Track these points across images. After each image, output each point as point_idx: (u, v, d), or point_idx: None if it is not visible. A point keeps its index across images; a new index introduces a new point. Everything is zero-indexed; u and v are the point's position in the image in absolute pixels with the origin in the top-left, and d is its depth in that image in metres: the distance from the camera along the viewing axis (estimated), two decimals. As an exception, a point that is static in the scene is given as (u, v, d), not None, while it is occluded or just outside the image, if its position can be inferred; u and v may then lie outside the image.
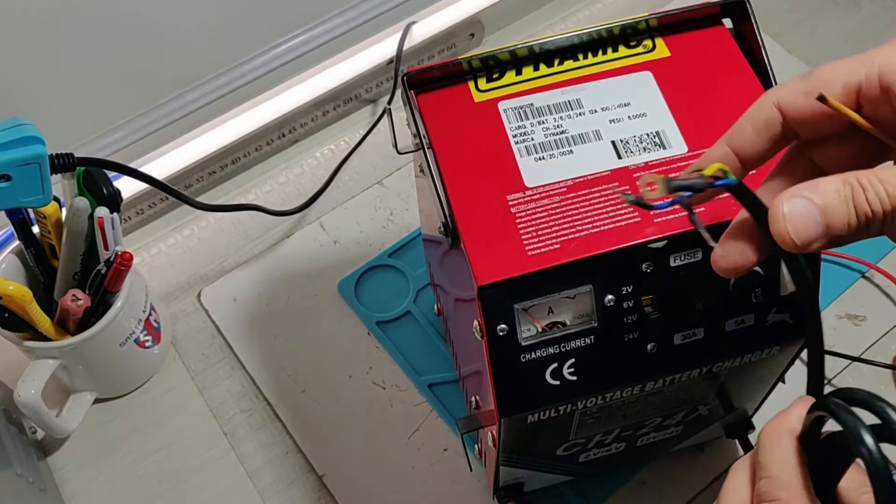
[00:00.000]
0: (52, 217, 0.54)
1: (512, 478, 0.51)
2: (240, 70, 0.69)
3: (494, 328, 0.39)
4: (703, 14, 0.46)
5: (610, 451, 0.51)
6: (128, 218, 0.68)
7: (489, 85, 0.45)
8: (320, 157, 0.74)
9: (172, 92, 0.67)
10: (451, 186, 0.42)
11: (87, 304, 0.54)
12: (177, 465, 0.60)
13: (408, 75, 0.44)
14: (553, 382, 0.41)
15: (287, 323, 0.65)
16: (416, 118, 0.44)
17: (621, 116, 0.44)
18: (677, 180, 0.31)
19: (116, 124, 0.66)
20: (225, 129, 0.70)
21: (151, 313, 0.60)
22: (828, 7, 0.81)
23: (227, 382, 0.63)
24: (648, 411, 0.46)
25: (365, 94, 0.76)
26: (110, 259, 0.54)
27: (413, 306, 0.64)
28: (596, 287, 0.40)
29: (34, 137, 0.47)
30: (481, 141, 0.43)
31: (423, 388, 0.61)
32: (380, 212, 0.70)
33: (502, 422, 0.41)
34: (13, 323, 0.54)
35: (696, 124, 0.43)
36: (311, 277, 0.67)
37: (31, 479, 0.54)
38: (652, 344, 0.41)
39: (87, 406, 0.61)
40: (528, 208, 0.41)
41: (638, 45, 0.46)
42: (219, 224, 0.71)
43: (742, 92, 0.44)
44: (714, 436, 0.56)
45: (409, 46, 0.74)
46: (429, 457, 0.59)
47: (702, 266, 0.41)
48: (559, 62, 0.46)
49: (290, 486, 0.58)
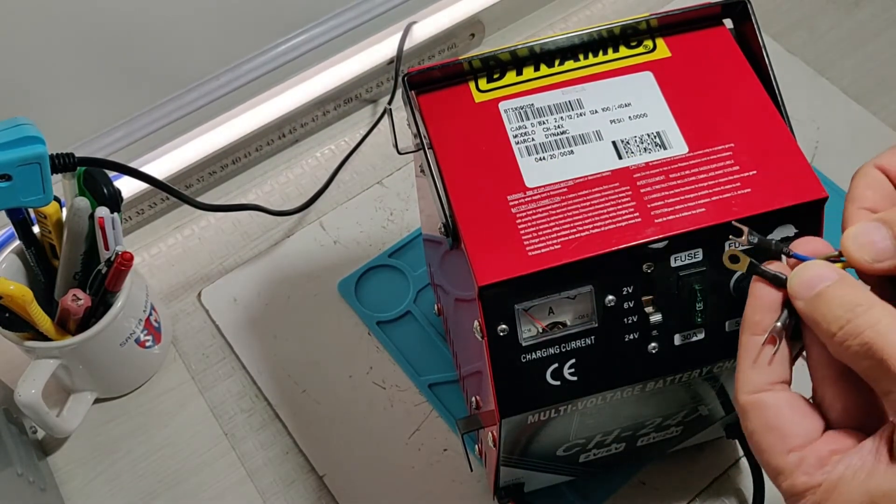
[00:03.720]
0: (52, 217, 0.54)
1: (512, 478, 0.51)
2: (240, 70, 0.69)
3: (495, 328, 0.39)
4: (703, 14, 0.46)
5: (610, 451, 0.51)
6: (128, 218, 0.68)
7: (490, 85, 0.45)
8: (321, 157, 0.74)
9: (173, 92, 0.67)
10: (452, 186, 0.42)
11: (87, 303, 0.54)
12: (177, 465, 0.60)
13: (408, 75, 0.44)
14: (553, 383, 0.41)
15: (287, 323, 0.65)
16: (416, 118, 0.44)
17: (622, 117, 0.44)
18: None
19: (117, 124, 0.66)
20: (225, 128, 0.70)
21: (152, 313, 0.60)
22: (828, 7, 0.81)
23: (228, 382, 0.63)
24: (649, 412, 0.47)
25: (365, 94, 0.76)
26: (111, 259, 0.54)
27: (413, 306, 0.64)
28: (596, 287, 0.40)
29: (34, 137, 0.47)
30: (482, 141, 0.43)
31: (424, 388, 0.61)
32: (380, 212, 0.70)
33: (503, 422, 0.41)
34: (13, 323, 0.54)
35: (696, 125, 0.43)
36: (311, 277, 0.67)
37: (32, 478, 0.54)
38: (652, 344, 0.41)
39: (87, 406, 0.61)
40: (528, 208, 0.41)
41: (639, 45, 0.46)
42: (219, 224, 0.71)
43: (743, 92, 0.44)
44: (714, 436, 0.56)
45: (409, 46, 0.74)
46: (429, 457, 0.59)
47: (702, 266, 0.41)
48: (560, 62, 0.46)
49: (291, 486, 0.58)
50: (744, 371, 0.34)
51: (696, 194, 0.41)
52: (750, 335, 0.34)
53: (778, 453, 0.32)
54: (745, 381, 0.34)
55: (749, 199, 0.40)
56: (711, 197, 0.41)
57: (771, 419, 0.33)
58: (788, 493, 0.32)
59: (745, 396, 0.33)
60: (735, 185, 0.41)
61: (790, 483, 0.32)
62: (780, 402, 0.33)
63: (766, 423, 0.33)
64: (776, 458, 0.32)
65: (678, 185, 0.41)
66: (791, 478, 0.31)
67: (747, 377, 0.34)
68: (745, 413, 0.33)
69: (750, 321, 0.34)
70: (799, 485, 0.31)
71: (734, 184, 0.41)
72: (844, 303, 0.31)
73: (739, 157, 0.42)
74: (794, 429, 0.32)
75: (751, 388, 0.33)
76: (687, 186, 0.41)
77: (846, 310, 0.31)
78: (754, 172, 0.41)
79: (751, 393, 0.33)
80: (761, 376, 0.33)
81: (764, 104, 0.44)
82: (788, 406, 0.33)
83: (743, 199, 0.40)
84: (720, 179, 0.41)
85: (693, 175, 0.41)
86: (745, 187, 0.41)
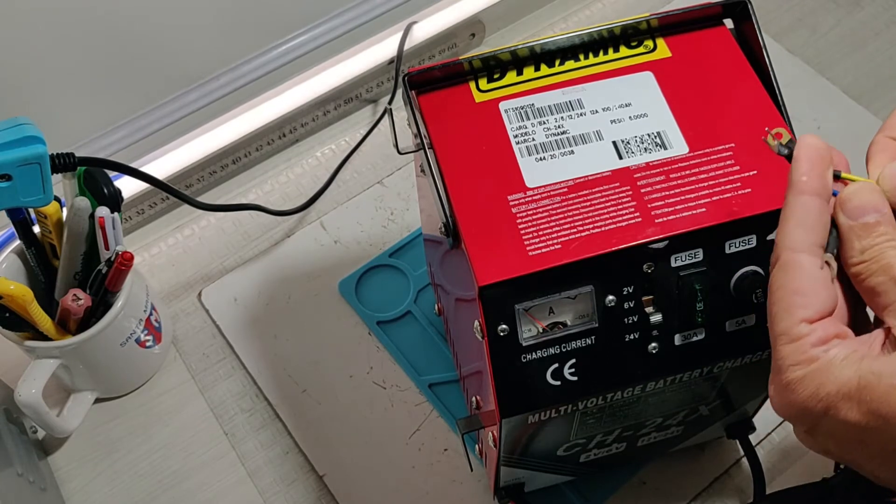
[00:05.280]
0: (52, 217, 0.54)
1: (512, 478, 0.51)
2: (241, 70, 0.69)
3: (495, 328, 0.39)
4: (704, 14, 0.46)
5: (611, 451, 0.51)
6: (128, 218, 0.68)
7: (490, 85, 0.45)
8: (321, 157, 0.74)
9: (173, 92, 0.67)
10: (452, 187, 0.42)
11: (87, 303, 0.54)
12: (177, 464, 0.60)
13: (409, 75, 0.44)
14: (554, 383, 0.41)
15: (288, 323, 0.65)
16: (416, 118, 0.44)
17: (622, 117, 0.44)
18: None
19: (117, 124, 0.66)
20: (226, 128, 0.70)
21: (152, 313, 0.60)
22: (828, 7, 0.81)
23: (228, 382, 0.63)
24: (649, 412, 0.47)
25: (366, 94, 0.76)
26: (111, 259, 0.54)
27: (414, 306, 0.64)
28: (597, 287, 0.40)
29: (35, 137, 0.47)
30: (482, 141, 0.43)
31: (424, 387, 0.61)
32: (380, 211, 0.70)
33: (503, 422, 0.41)
34: (14, 323, 0.54)
35: (697, 125, 0.43)
36: (311, 277, 0.67)
37: (32, 478, 0.54)
38: (653, 344, 0.41)
39: (87, 406, 0.61)
40: (529, 208, 0.41)
41: (639, 45, 0.46)
42: (219, 224, 0.71)
43: (743, 92, 0.44)
44: (715, 436, 0.56)
45: (409, 46, 0.74)
46: (429, 457, 0.59)
47: (703, 266, 0.41)
48: (560, 62, 0.46)
49: (291, 486, 0.58)
50: (790, 228, 0.34)
51: (697, 194, 0.41)
52: (798, 194, 0.34)
53: (794, 318, 0.33)
54: (791, 238, 0.34)
55: (749, 199, 0.40)
56: (712, 197, 0.41)
57: (802, 283, 0.34)
58: (784, 356, 0.34)
59: (787, 253, 0.34)
60: (735, 185, 0.41)
61: (791, 349, 0.33)
62: (815, 269, 0.34)
63: (796, 284, 0.34)
64: (789, 320, 0.34)
65: (678, 185, 0.41)
66: (793, 345, 0.33)
67: (793, 234, 0.34)
68: (782, 268, 0.34)
69: (797, 180, 0.35)
70: (799, 354, 0.33)
71: (734, 184, 0.41)
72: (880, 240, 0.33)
73: (740, 157, 0.42)
74: (816, 300, 0.34)
75: (794, 246, 0.34)
76: (687, 186, 0.41)
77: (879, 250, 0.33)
78: (755, 172, 0.41)
79: (794, 251, 0.34)
80: (807, 235, 0.34)
81: (764, 104, 0.44)
82: (820, 276, 0.34)
83: (743, 199, 0.40)
84: (720, 179, 0.41)
85: (693, 175, 0.41)
86: (745, 187, 0.41)
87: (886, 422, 0.31)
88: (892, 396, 0.31)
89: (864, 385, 0.32)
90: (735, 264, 0.41)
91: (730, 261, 0.41)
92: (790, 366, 0.33)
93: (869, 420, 0.31)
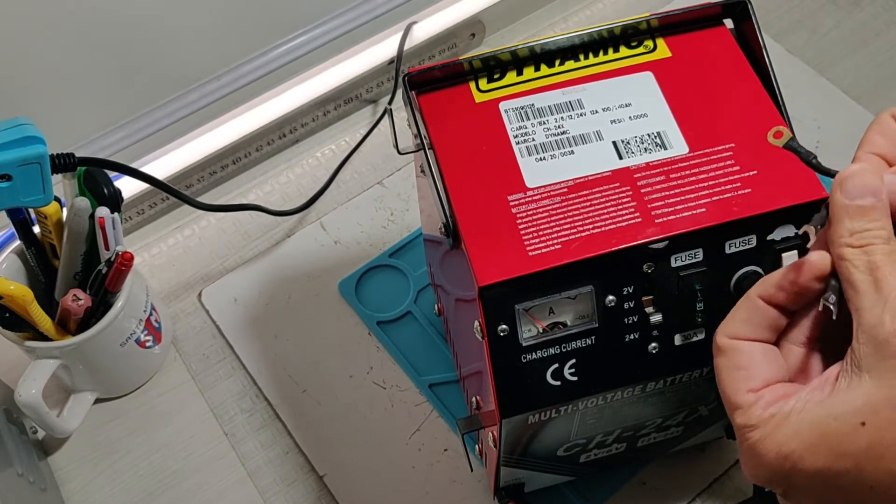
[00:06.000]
0: (52, 217, 0.54)
1: (512, 478, 0.51)
2: (241, 70, 0.69)
3: (495, 329, 0.39)
4: (704, 14, 0.46)
5: (610, 451, 0.51)
6: (129, 218, 0.68)
7: (490, 85, 0.45)
8: (321, 157, 0.74)
9: (173, 92, 0.67)
10: (452, 187, 0.42)
11: (87, 303, 0.54)
12: (177, 465, 0.60)
13: (409, 75, 0.44)
14: (554, 383, 0.41)
15: (288, 323, 0.65)
16: (416, 118, 0.44)
17: (622, 117, 0.44)
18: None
19: (117, 124, 0.66)
20: (226, 129, 0.70)
21: (152, 313, 0.60)
22: (828, 7, 0.81)
23: (228, 382, 0.63)
24: (649, 412, 0.46)
25: (366, 94, 0.76)
26: (111, 259, 0.54)
27: (414, 306, 0.64)
28: (597, 287, 0.40)
29: (35, 137, 0.47)
30: (482, 141, 0.43)
31: (424, 388, 0.61)
32: (380, 212, 0.70)
33: (503, 422, 0.41)
34: (14, 323, 0.54)
35: (697, 125, 0.43)
36: (311, 277, 0.67)
37: (32, 478, 0.54)
38: (653, 344, 0.41)
39: (87, 406, 0.61)
40: (529, 209, 0.41)
41: (639, 45, 0.46)
42: (219, 224, 0.71)
43: (743, 92, 0.44)
44: (715, 436, 0.56)
45: (409, 46, 0.74)
46: (429, 457, 0.59)
47: (703, 266, 0.41)
48: (560, 62, 0.46)
49: (291, 486, 0.58)
50: (733, 319, 0.35)
51: (697, 194, 0.41)
52: (757, 296, 0.35)
53: (739, 391, 0.34)
54: (730, 328, 0.35)
55: (749, 199, 0.40)
56: (712, 197, 0.41)
57: (742, 361, 0.35)
58: (741, 426, 0.34)
59: (723, 339, 0.35)
60: (735, 185, 0.41)
61: (745, 417, 0.33)
62: (755, 349, 0.35)
63: (735, 363, 0.35)
64: (737, 394, 0.34)
65: (678, 185, 0.41)
66: (746, 412, 0.33)
67: (734, 325, 0.35)
68: (719, 352, 0.35)
69: (766, 284, 0.35)
70: (752, 418, 0.33)
71: (734, 184, 0.41)
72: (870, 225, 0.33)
73: (740, 157, 0.42)
74: (760, 372, 0.34)
75: (732, 334, 0.35)
76: (687, 186, 0.41)
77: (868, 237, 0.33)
78: (755, 172, 0.41)
79: (731, 337, 0.35)
80: (746, 329, 0.35)
81: (764, 104, 0.44)
82: (761, 353, 0.35)
83: (743, 199, 0.40)
84: (720, 179, 0.41)
85: (693, 175, 0.41)
86: (745, 187, 0.41)
87: (856, 461, 0.30)
88: (854, 435, 0.30)
89: (825, 431, 0.31)
90: (735, 264, 0.41)
91: (730, 261, 0.41)
92: (747, 431, 0.33)
93: (838, 463, 0.31)
